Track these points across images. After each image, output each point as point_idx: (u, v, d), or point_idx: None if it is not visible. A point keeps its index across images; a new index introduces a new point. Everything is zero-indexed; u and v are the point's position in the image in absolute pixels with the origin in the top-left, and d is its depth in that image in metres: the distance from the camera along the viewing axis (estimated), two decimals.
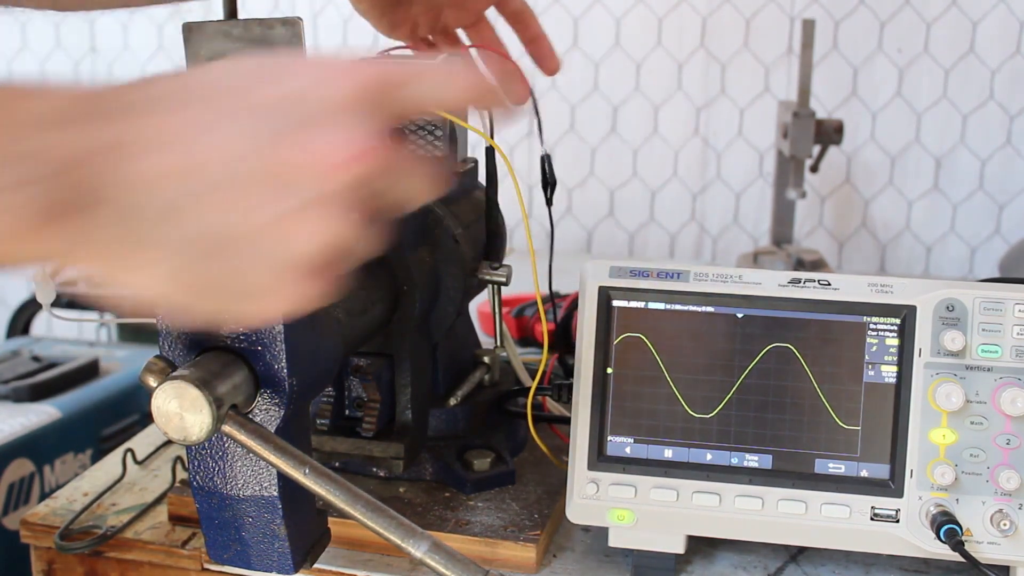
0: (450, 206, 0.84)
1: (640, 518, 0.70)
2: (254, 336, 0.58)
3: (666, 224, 1.77)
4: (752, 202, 1.73)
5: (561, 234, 1.80)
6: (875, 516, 0.68)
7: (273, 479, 0.60)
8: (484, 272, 0.85)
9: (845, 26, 1.63)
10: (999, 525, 0.66)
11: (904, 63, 1.62)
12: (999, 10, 1.58)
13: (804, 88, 1.35)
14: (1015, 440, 0.67)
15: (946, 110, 1.63)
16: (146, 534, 0.77)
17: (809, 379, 0.69)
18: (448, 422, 0.86)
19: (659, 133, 1.73)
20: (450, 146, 0.75)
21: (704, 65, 1.70)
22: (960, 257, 1.68)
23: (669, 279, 0.71)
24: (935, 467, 0.67)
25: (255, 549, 0.62)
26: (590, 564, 0.75)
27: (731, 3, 1.66)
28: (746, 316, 0.70)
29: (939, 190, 1.66)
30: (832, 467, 0.69)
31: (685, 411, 0.70)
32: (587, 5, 1.70)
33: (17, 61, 2.02)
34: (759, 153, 1.70)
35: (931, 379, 0.68)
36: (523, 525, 0.75)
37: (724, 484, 0.70)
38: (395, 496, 0.80)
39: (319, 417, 0.81)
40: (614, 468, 0.71)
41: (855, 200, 1.69)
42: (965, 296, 0.68)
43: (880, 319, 0.68)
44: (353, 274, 0.46)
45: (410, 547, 0.54)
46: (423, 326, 0.83)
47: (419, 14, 0.87)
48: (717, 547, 0.77)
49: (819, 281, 0.69)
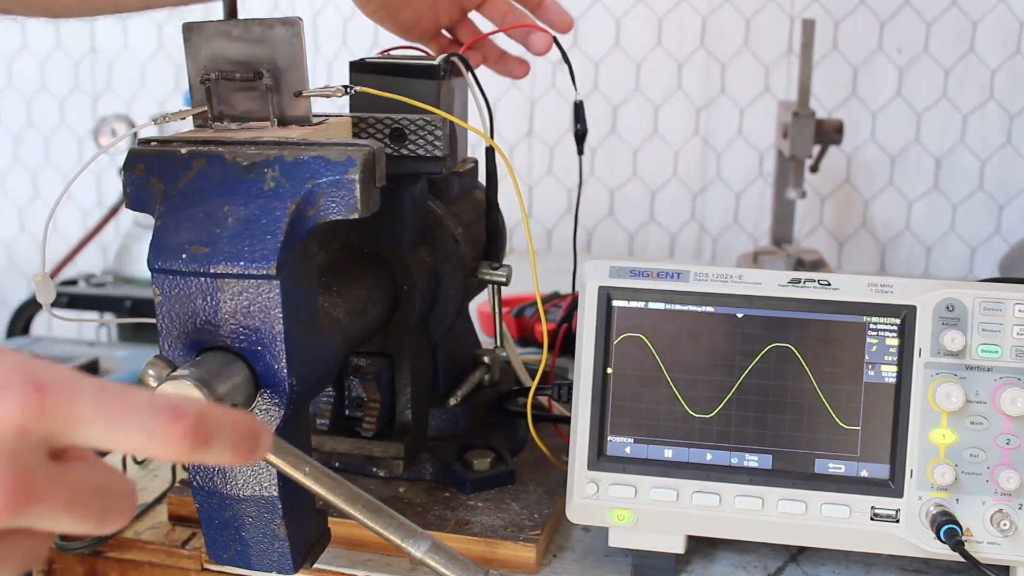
0: (450, 206, 0.84)
1: (640, 518, 0.70)
2: (254, 336, 0.58)
3: (666, 224, 1.77)
4: (752, 202, 1.73)
5: (561, 234, 1.80)
6: (875, 516, 0.68)
7: (273, 479, 0.60)
8: (484, 272, 0.85)
9: (845, 26, 1.63)
10: (999, 525, 0.66)
11: (904, 63, 1.62)
12: (999, 10, 1.58)
13: (804, 88, 1.35)
14: (1015, 440, 0.67)
15: (946, 110, 1.63)
16: (146, 534, 0.77)
17: (809, 379, 0.69)
18: (448, 422, 0.86)
19: (659, 133, 1.73)
20: (450, 146, 0.75)
21: (704, 65, 1.70)
22: (960, 257, 1.68)
23: (669, 279, 0.71)
24: (935, 467, 0.67)
25: (255, 549, 0.62)
26: (590, 564, 0.75)
27: (731, 3, 1.66)
28: (746, 316, 0.70)
29: (939, 190, 1.66)
30: (832, 467, 0.69)
31: (685, 411, 0.70)
32: (587, 5, 1.70)
33: (17, 61, 2.02)
34: (759, 153, 1.70)
35: (931, 379, 0.68)
36: (523, 525, 0.75)
37: (724, 484, 0.70)
38: (395, 496, 0.80)
39: (319, 417, 0.81)
40: (614, 468, 0.71)
41: (855, 200, 1.69)
42: (965, 296, 0.68)
43: (880, 319, 0.68)
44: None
45: (410, 547, 0.54)
46: (423, 326, 0.83)
47: (429, 7, 0.87)
48: (717, 547, 0.77)
49: (819, 281, 0.69)
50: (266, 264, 0.57)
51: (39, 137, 2.05)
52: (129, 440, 0.39)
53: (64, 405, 0.38)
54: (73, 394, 0.38)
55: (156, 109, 1.96)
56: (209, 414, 0.40)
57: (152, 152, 0.61)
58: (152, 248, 0.59)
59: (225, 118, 0.69)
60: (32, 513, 0.37)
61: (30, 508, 0.37)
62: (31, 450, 0.38)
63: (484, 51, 0.91)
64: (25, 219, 2.10)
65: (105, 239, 2.01)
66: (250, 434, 0.42)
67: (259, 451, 0.43)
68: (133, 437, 0.39)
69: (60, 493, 0.38)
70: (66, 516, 0.39)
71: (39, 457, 0.38)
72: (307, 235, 0.59)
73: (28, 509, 0.37)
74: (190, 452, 0.40)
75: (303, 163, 0.59)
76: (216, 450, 0.41)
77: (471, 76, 0.82)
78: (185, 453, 0.40)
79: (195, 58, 0.68)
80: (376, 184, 0.61)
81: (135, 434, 0.39)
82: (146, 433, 0.39)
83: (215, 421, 0.40)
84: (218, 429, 0.40)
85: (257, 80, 0.67)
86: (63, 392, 0.38)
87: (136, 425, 0.39)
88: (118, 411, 0.39)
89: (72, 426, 0.38)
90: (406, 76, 0.77)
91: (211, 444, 0.40)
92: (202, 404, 0.41)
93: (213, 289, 0.58)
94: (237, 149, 0.60)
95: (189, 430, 0.39)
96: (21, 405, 0.37)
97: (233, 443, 0.41)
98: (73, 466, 0.39)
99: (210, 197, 0.59)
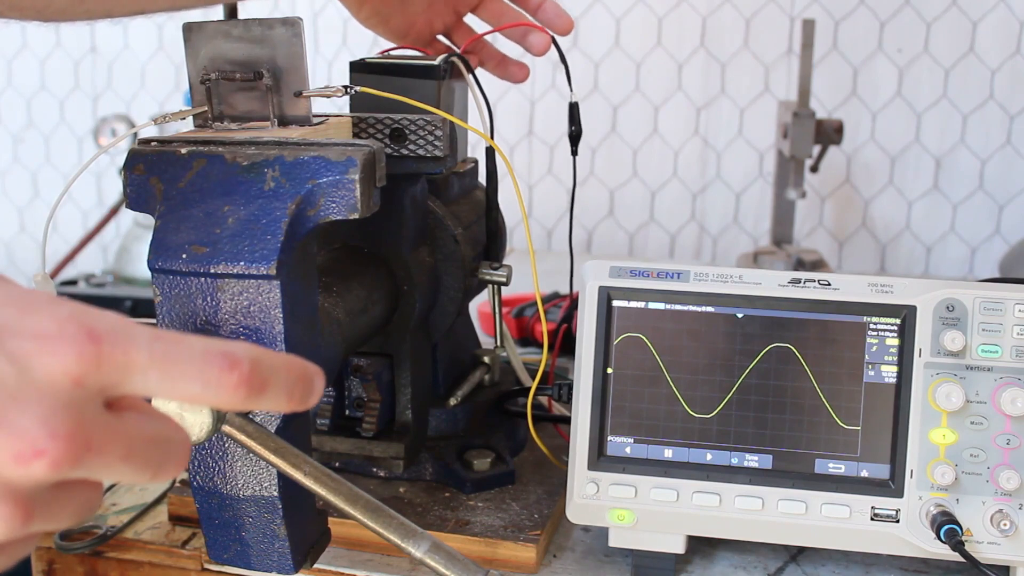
0: (450, 206, 0.84)
1: (640, 518, 0.70)
2: (254, 336, 0.58)
3: (666, 224, 1.77)
4: (752, 202, 1.73)
5: (561, 234, 1.80)
6: (875, 516, 0.68)
7: (273, 479, 0.60)
8: (484, 272, 0.85)
9: (845, 26, 1.63)
10: (999, 525, 0.66)
11: (904, 63, 1.62)
12: (999, 10, 1.58)
13: (804, 88, 1.35)
14: (1015, 440, 0.67)
15: (946, 110, 1.63)
16: (146, 534, 0.77)
17: (809, 379, 0.69)
18: (448, 422, 0.86)
19: (659, 133, 1.73)
20: (450, 146, 0.75)
21: (704, 65, 1.70)
22: (960, 257, 1.68)
23: (669, 279, 0.71)
24: (935, 467, 0.67)
25: (255, 549, 0.62)
26: (590, 564, 0.75)
27: (731, 3, 1.66)
28: (746, 316, 0.70)
29: (939, 190, 1.66)
30: (832, 467, 0.69)
31: (685, 411, 0.70)
32: (587, 5, 1.70)
33: (17, 61, 2.02)
34: (759, 153, 1.70)
35: (931, 379, 0.68)
36: (523, 525, 0.75)
37: (724, 484, 0.70)
38: (395, 496, 0.80)
39: (319, 417, 0.81)
40: (614, 468, 0.71)
41: (855, 200, 1.69)
42: (965, 296, 0.68)
43: (880, 319, 0.68)
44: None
45: (410, 547, 0.54)
46: (423, 326, 0.83)
47: (422, 12, 0.86)
48: (717, 547, 0.77)
49: (819, 281, 0.69)
50: (266, 264, 0.57)
51: (39, 137, 2.05)
52: (185, 389, 0.39)
53: (120, 355, 0.37)
54: (129, 343, 0.38)
55: (156, 109, 1.96)
56: (263, 360, 0.40)
57: (152, 152, 0.61)
58: (152, 248, 0.59)
59: (225, 118, 0.69)
60: (90, 464, 0.37)
61: (88, 459, 0.37)
62: (87, 401, 0.37)
63: (483, 55, 0.90)
64: (25, 219, 2.10)
65: (105, 239, 2.01)
66: (304, 378, 0.42)
67: (313, 396, 0.43)
68: (189, 386, 0.39)
69: (117, 444, 0.38)
70: (123, 466, 0.38)
71: (95, 408, 0.38)
72: (307, 235, 0.60)
73: (86, 460, 0.37)
74: (245, 400, 0.40)
75: (303, 163, 0.59)
76: (271, 396, 0.40)
77: (471, 76, 0.82)
78: (240, 401, 0.40)
79: (195, 58, 0.68)
80: (376, 184, 0.61)
81: (191, 383, 0.39)
82: (201, 382, 0.39)
83: (269, 367, 0.40)
84: (273, 375, 0.40)
85: (257, 80, 0.67)
86: (119, 342, 0.38)
87: (191, 374, 0.38)
88: (173, 360, 0.38)
89: (128, 376, 0.38)
90: (406, 76, 0.77)
91: (266, 391, 0.40)
92: (256, 349, 0.40)
93: (213, 289, 0.58)
94: (237, 149, 0.60)
95: (244, 378, 0.39)
96: (77, 356, 0.37)
97: (287, 389, 0.41)
98: (128, 416, 0.39)
99: (210, 197, 0.59)
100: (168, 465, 0.40)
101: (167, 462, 0.40)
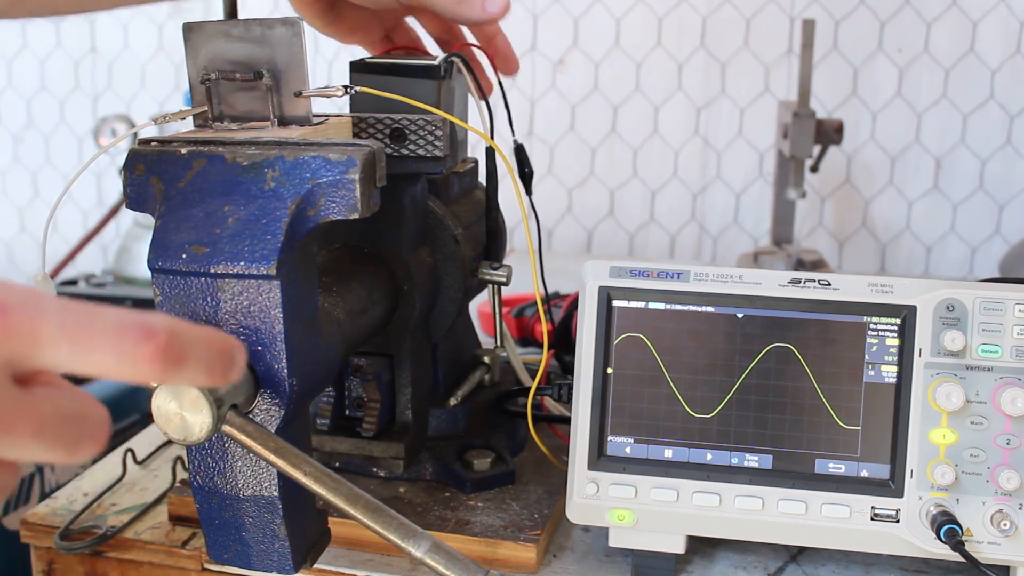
0: (450, 206, 0.84)
1: (640, 518, 0.70)
2: (254, 336, 0.58)
3: (666, 224, 1.77)
4: (752, 202, 1.73)
5: (561, 234, 1.80)
6: (875, 516, 0.68)
7: (273, 479, 0.60)
8: (484, 272, 0.85)
9: (845, 26, 1.63)
10: (999, 525, 0.66)
11: (904, 63, 1.62)
12: (999, 10, 1.58)
13: (804, 88, 1.35)
14: (1015, 440, 0.67)
15: (946, 110, 1.63)
16: (146, 534, 0.77)
17: (809, 379, 0.69)
18: (448, 422, 0.86)
19: (659, 133, 1.73)
20: (450, 146, 0.75)
21: (704, 65, 1.70)
22: (960, 257, 1.68)
23: (669, 279, 0.71)
24: (935, 467, 0.67)
25: (255, 549, 0.62)
26: (590, 564, 0.75)
27: (731, 3, 1.66)
28: (746, 316, 0.70)
29: (939, 190, 1.66)
30: (832, 467, 0.69)
31: (685, 411, 0.70)
32: (587, 5, 1.70)
33: (17, 61, 2.02)
34: (759, 153, 1.70)
35: (931, 379, 0.68)
36: (523, 525, 0.75)
37: (724, 484, 0.70)
38: (395, 496, 0.80)
39: (319, 417, 0.81)
40: (614, 468, 0.71)
41: (855, 200, 1.69)
42: (965, 296, 0.68)
43: (880, 319, 0.68)
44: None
45: (410, 547, 0.54)
46: (423, 326, 0.83)
47: (365, 17, 0.83)
48: (717, 547, 0.77)
49: (819, 281, 0.69)
50: (266, 264, 0.57)
51: (39, 137, 2.05)
52: (97, 361, 0.37)
53: (27, 326, 0.36)
54: (37, 314, 0.36)
55: (156, 109, 1.96)
56: (181, 332, 0.38)
57: (152, 152, 0.61)
58: (152, 248, 0.59)
59: (225, 118, 0.69)
60: None
61: None
62: None
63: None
64: (25, 219, 2.10)
65: (105, 239, 2.01)
66: (225, 352, 0.40)
67: (234, 371, 0.41)
68: (101, 358, 0.37)
69: (27, 421, 0.36)
70: (34, 444, 0.36)
71: (2, 383, 0.36)
72: (307, 235, 0.59)
73: None
74: (161, 373, 0.38)
75: (303, 163, 0.59)
76: (190, 371, 0.39)
77: (471, 76, 0.82)
78: (156, 374, 0.38)
79: (195, 58, 0.68)
80: (376, 184, 0.61)
81: (103, 355, 0.37)
82: (115, 354, 0.37)
83: (188, 339, 0.38)
84: (191, 348, 0.38)
85: (257, 80, 0.67)
86: (25, 313, 0.36)
87: (104, 345, 0.37)
88: (85, 331, 0.36)
89: (36, 348, 0.36)
90: (406, 76, 0.77)
91: (184, 365, 0.38)
92: (174, 322, 0.38)
93: (213, 289, 0.58)
94: (237, 149, 0.60)
95: (160, 349, 0.37)
96: None
97: (207, 363, 0.39)
98: (40, 392, 0.37)
99: (210, 197, 0.59)
100: (84, 442, 0.38)
101: (83, 439, 0.38)
